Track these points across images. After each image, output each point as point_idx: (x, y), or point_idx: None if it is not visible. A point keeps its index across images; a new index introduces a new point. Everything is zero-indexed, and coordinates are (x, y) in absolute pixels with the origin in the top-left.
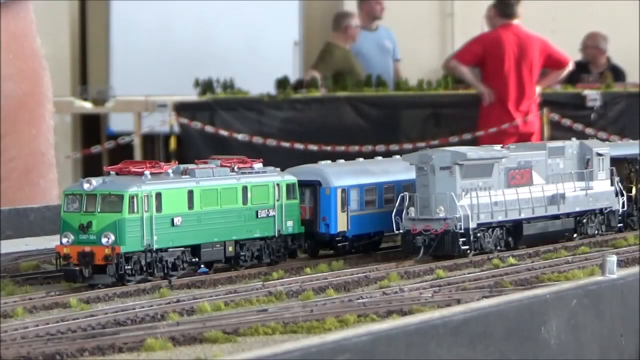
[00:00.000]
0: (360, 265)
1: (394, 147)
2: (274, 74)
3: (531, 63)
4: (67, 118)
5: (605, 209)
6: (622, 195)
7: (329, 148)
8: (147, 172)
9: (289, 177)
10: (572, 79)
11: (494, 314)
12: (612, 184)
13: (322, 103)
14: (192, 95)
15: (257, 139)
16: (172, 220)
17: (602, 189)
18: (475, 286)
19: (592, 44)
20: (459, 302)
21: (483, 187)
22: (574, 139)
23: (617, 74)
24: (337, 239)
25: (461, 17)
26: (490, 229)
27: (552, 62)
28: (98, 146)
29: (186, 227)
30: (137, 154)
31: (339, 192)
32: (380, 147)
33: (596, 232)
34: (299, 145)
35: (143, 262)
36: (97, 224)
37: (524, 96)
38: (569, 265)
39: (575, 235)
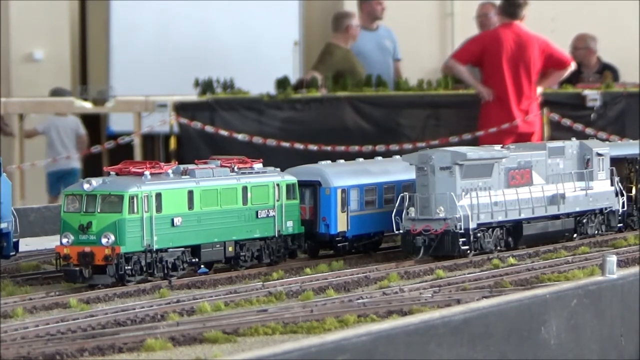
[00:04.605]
0: (360, 265)
1: (394, 147)
2: (274, 74)
3: (529, 62)
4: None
5: (605, 209)
6: (622, 195)
7: (329, 148)
8: (147, 173)
9: (289, 177)
10: (571, 79)
11: (494, 314)
12: (612, 184)
13: (322, 103)
14: (192, 95)
15: (257, 139)
16: (172, 220)
17: (602, 189)
18: (475, 286)
19: (582, 45)
20: (459, 302)
21: (483, 187)
22: (574, 139)
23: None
24: (337, 239)
25: (461, 17)
26: (490, 229)
27: (554, 62)
28: (98, 146)
29: (186, 227)
30: (137, 154)
31: (339, 192)
32: (380, 147)
33: (596, 232)
34: (299, 145)
35: (143, 263)
36: (97, 224)
37: (522, 95)
38: (569, 265)
39: (575, 235)
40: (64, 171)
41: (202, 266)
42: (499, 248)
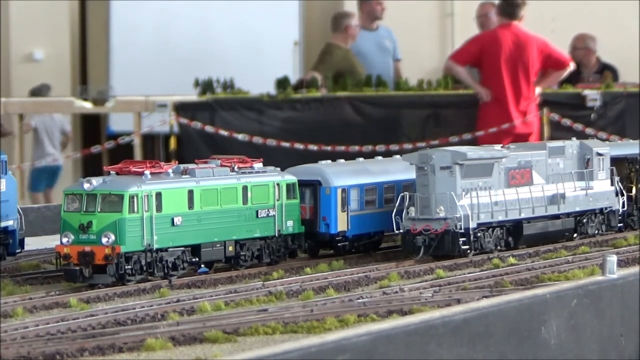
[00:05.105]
0: (360, 265)
1: (394, 147)
2: (274, 74)
3: (528, 63)
4: (67, 118)
5: (606, 208)
6: (622, 195)
7: (329, 148)
8: (147, 172)
9: (289, 177)
10: (571, 79)
11: (494, 314)
12: (612, 184)
13: (322, 103)
14: (192, 95)
15: (257, 139)
16: (172, 220)
17: (602, 189)
18: (475, 286)
19: (581, 45)
20: (459, 302)
21: (483, 187)
22: (574, 139)
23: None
24: (337, 238)
25: (461, 17)
26: (491, 229)
27: (552, 63)
28: (98, 146)
29: (186, 227)
30: (137, 154)
31: (339, 192)
32: (380, 147)
33: (596, 232)
34: (299, 145)
35: (143, 262)
36: (97, 223)
37: (521, 96)
38: (569, 265)
39: (575, 235)
40: (51, 168)
41: (202, 266)
42: (499, 248)
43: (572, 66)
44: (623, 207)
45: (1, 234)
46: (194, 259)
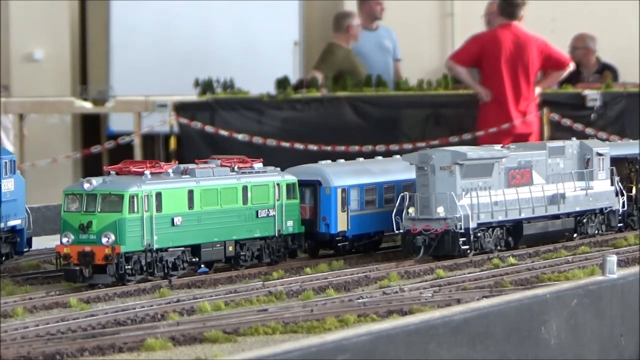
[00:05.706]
0: (360, 265)
1: (394, 147)
2: (274, 74)
3: (528, 63)
4: (67, 118)
5: (606, 208)
6: (622, 195)
7: (329, 148)
8: (147, 172)
9: (289, 177)
10: (571, 79)
11: (494, 314)
12: (612, 184)
13: (322, 103)
14: (192, 95)
15: (257, 139)
16: (172, 220)
17: (602, 189)
18: (475, 286)
19: (581, 45)
20: (459, 302)
21: (483, 187)
22: (574, 139)
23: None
24: (337, 238)
25: (461, 17)
26: (491, 229)
27: (552, 63)
28: (98, 146)
29: (186, 226)
30: (137, 154)
31: (339, 192)
32: (380, 147)
33: (596, 232)
34: (299, 145)
35: (143, 262)
36: (97, 223)
37: (521, 96)
38: (569, 265)
39: (575, 235)
40: None
41: (202, 266)
42: (499, 248)
43: (572, 66)
44: (623, 207)
45: (9, 233)
46: (194, 259)
